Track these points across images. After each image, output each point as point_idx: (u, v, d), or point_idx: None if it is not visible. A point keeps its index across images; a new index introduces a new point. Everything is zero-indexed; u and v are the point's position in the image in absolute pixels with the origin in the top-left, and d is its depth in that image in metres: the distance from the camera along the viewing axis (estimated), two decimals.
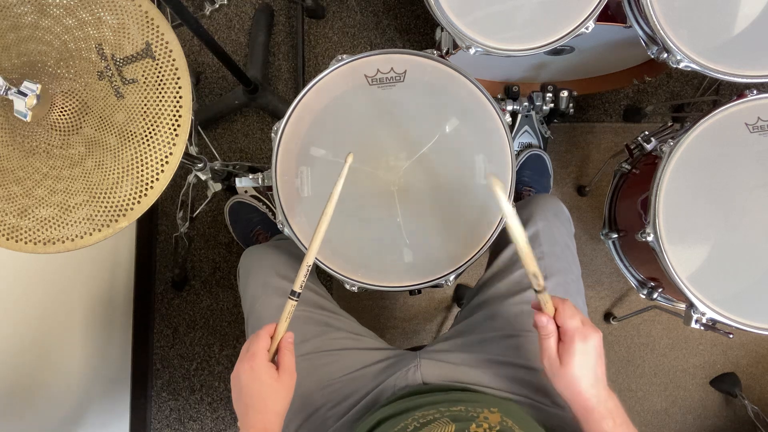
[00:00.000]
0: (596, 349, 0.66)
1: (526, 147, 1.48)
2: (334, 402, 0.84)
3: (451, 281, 0.87)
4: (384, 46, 1.64)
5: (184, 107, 0.75)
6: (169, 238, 1.61)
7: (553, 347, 0.68)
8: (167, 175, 0.75)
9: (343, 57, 0.89)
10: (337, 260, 0.87)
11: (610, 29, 1.00)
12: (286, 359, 0.71)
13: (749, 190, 0.91)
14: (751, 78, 0.91)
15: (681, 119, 1.55)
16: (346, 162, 0.72)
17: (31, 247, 0.74)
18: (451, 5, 0.94)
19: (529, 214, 0.94)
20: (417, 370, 0.84)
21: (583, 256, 1.59)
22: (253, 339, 0.72)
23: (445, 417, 0.65)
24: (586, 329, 0.67)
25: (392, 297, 1.62)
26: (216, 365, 1.63)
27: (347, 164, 0.72)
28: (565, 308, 0.68)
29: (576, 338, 0.66)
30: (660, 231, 0.90)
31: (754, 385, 1.59)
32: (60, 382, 1.26)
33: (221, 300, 1.63)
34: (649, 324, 1.59)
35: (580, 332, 0.66)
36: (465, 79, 0.88)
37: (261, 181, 0.98)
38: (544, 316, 0.68)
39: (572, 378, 0.66)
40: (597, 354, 0.67)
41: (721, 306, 0.90)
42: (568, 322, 0.67)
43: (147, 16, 0.76)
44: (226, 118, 1.62)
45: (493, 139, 0.87)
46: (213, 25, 1.65)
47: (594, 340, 0.66)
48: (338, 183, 0.71)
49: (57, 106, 0.74)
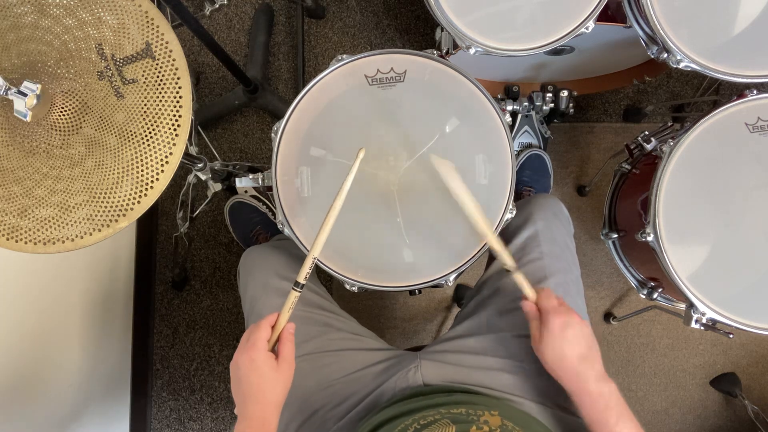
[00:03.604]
0: (575, 326, 0.70)
1: (526, 147, 1.48)
2: (334, 403, 0.84)
3: (451, 281, 0.87)
4: (384, 46, 1.64)
5: (184, 107, 0.75)
6: (169, 238, 1.61)
7: (536, 327, 0.73)
8: (167, 175, 0.75)
9: (343, 57, 0.89)
10: (337, 260, 0.87)
11: (610, 29, 1.00)
12: (287, 349, 0.72)
13: (749, 190, 0.91)
14: (751, 78, 0.91)
15: (681, 119, 1.56)
16: (357, 157, 0.74)
17: (31, 247, 0.74)
18: (451, 5, 0.94)
19: (529, 213, 0.94)
20: (417, 370, 0.84)
21: (583, 256, 1.59)
22: (253, 329, 0.72)
23: (445, 419, 0.65)
24: (561, 308, 0.71)
25: (392, 297, 1.62)
26: (216, 365, 1.63)
27: (359, 158, 0.74)
28: (542, 291, 0.74)
29: (550, 314, 0.70)
30: (660, 231, 0.90)
31: (754, 385, 1.59)
32: (60, 382, 1.26)
33: (221, 300, 1.63)
34: (649, 324, 1.59)
35: (555, 310, 0.71)
36: (465, 79, 0.88)
37: (261, 181, 0.98)
38: (526, 302, 0.75)
39: (555, 353, 0.70)
40: (578, 332, 0.70)
41: (721, 306, 0.90)
42: (544, 302, 0.72)
43: (147, 16, 0.76)
44: (226, 118, 1.62)
45: (493, 139, 0.87)
46: (213, 25, 1.65)
47: (571, 317, 0.70)
48: (348, 177, 0.73)
49: (57, 106, 0.74)
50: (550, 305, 0.71)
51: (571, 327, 0.70)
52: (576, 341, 0.70)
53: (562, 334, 0.69)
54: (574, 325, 0.70)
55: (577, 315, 0.71)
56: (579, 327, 0.70)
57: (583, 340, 0.70)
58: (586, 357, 0.69)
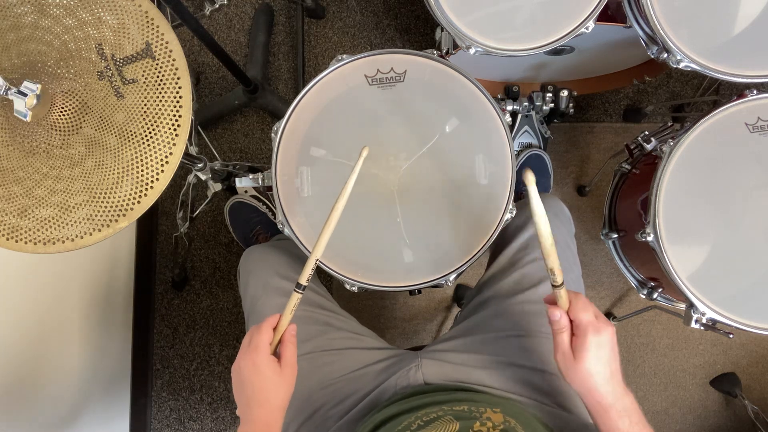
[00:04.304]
0: (610, 343, 0.65)
1: (526, 147, 1.48)
2: (334, 402, 0.84)
3: (451, 281, 0.87)
4: (384, 46, 1.64)
5: (184, 107, 0.75)
6: (169, 238, 1.61)
7: (567, 342, 0.67)
8: (167, 175, 0.75)
9: (343, 57, 0.89)
10: (337, 260, 0.87)
11: (610, 29, 1.00)
12: (289, 352, 0.71)
13: (749, 190, 0.91)
14: (751, 78, 0.91)
15: (681, 119, 1.56)
16: (361, 155, 0.72)
17: (31, 247, 0.74)
18: (451, 5, 0.94)
19: (530, 214, 0.94)
20: (418, 369, 0.84)
21: (583, 256, 1.59)
22: (254, 331, 0.71)
23: (448, 415, 0.65)
24: (599, 323, 0.65)
25: (392, 297, 1.62)
26: (216, 365, 1.63)
27: (362, 157, 0.72)
28: (578, 301, 0.67)
29: (589, 331, 0.64)
30: (660, 231, 0.90)
31: (754, 385, 1.59)
32: (60, 382, 1.26)
33: (221, 300, 1.63)
34: (649, 324, 1.59)
35: (594, 325, 0.65)
36: (465, 79, 0.88)
37: (261, 181, 0.98)
38: (557, 310, 0.67)
39: (586, 373, 0.64)
40: (611, 348, 0.65)
41: (721, 306, 0.89)
42: (581, 315, 0.65)
43: (147, 16, 0.76)
44: (226, 118, 1.62)
45: (493, 139, 0.87)
46: (213, 25, 1.65)
47: (607, 333, 0.65)
48: (352, 176, 0.71)
49: (57, 106, 0.74)
50: (589, 319, 0.65)
51: (607, 345, 0.65)
52: (608, 360, 0.65)
53: (597, 354, 0.64)
54: (609, 342, 0.65)
55: (611, 326, 0.66)
56: (612, 342, 0.65)
57: (613, 356, 0.65)
58: (613, 375, 0.65)
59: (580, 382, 0.66)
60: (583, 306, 0.66)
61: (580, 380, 0.65)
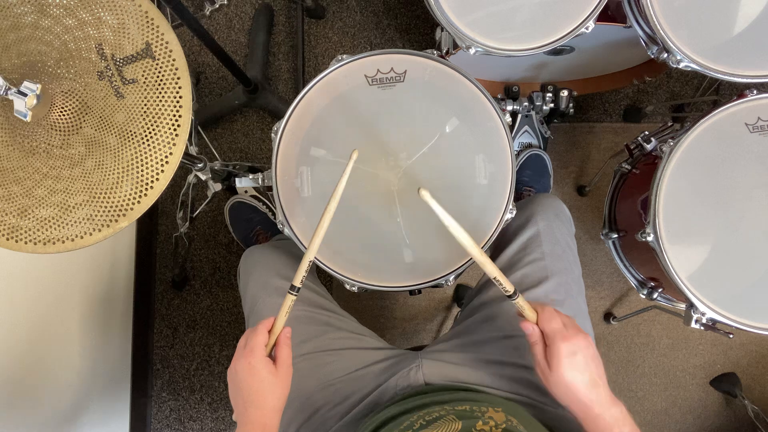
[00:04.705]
0: (584, 350, 0.65)
1: (526, 147, 1.48)
2: (334, 402, 0.84)
3: (451, 281, 0.87)
4: (384, 46, 1.64)
5: (184, 107, 0.75)
6: (169, 238, 1.61)
7: (541, 353, 0.67)
8: (167, 175, 0.75)
9: (343, 57, 0.89)
10: (337, 260, 0.87)
11: (610, 29, 1.00)
12: (284, 354, 0.72)
13: (749, 190, 0.91)
14: (751, 78, 0.91)
15: (681, 119, 1.56)
16: (351, 158, 0.72)
17: (31, 247, 0.74)
18: (451, 5, 0.94)
19: (530, 214, 0.94)
20: (419, 370, 0.84)
21: (583, 256, 1.59)
22: (250, 334, 0.71)
23: (450, 415, 0.65)
24: (569, 331, 0.66)
25: (392, 297, 1.62)
26: (216, 365, 1.63)
27: (352, 160, 0.72)
28: (544, 312, 0.68)
29: (557, 339, 0.65)
30: (660, 231, 0.90)
31: (754, 385, 1.59)
32: (60, 382, 1.26)
33: (221, 300, 1.63)
34: (649, 324, 1.59)
35: (561, 334, 0.65)
36: (465, 79, 0.88)
37: (261, 181, 0.98)
38: (528, 324, 0.68)
39: (563, 381, 0.65)
40: (585, 355, 0.65)
41: (721, 306, 0.90)
42: (547, 325, 0.66)
43: (147, 16, 0.76)
44: (226, 118, 1.62)
45: (493, 139, 0.87)
46: (213, 25, 1.65)
47: (578, 339, 0.65)
48: (342, 179, 0.71)
49: (57, 106, 0.74)
50: (556, 328, 0.66)
51: (580, 351, 0.65)
52: (585, 367, 0.65)
53: (570, 362, 0.64)
54: (582, 349, 0.65)
55: (583, 334, 0.66)
56: (586, 350, 0.65)
57: (592, 363, 0.65)
58: (595, 383, 0.65)
59: (562, 392, 0.66)
60: (549, 316, 0.67)
61: (562, 391, 0.66)
